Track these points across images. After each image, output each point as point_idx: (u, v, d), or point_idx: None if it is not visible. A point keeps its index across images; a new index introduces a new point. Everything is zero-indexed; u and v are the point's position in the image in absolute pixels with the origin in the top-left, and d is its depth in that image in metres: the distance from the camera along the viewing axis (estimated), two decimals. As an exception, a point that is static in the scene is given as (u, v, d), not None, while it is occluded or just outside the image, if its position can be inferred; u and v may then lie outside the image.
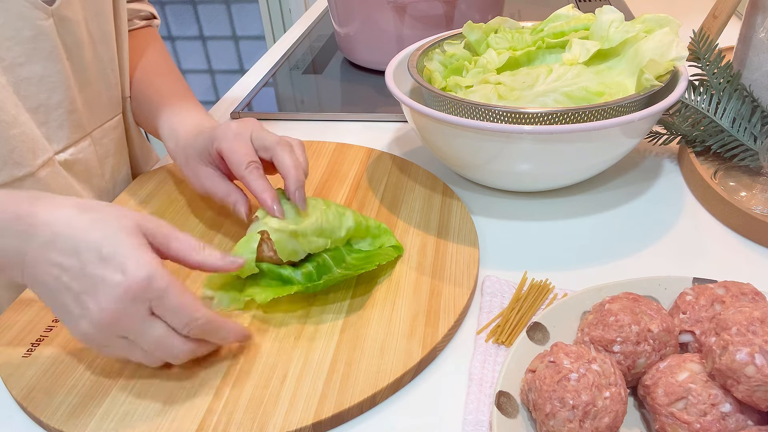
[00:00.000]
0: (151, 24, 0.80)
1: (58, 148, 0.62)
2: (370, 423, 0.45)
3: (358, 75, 1.02)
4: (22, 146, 0.57)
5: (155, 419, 0.44)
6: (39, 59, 0.58)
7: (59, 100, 0.61)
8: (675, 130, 0.72)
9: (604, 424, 0.38)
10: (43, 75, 0.58)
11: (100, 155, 0.68)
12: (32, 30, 0.56)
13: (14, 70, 0.56)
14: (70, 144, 0.63)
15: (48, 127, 0.60)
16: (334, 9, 1.00)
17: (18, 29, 0.55)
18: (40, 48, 0.58)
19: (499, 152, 0.60)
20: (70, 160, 0.64)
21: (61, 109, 0.61)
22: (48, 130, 0.61)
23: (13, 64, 0.56)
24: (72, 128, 0.63)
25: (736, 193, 0.64)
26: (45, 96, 0.59)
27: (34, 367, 0.48)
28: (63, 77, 0.60)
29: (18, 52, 0.56)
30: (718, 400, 0.39)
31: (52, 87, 0.60)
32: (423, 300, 0.53)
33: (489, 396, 0.45)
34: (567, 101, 0.63)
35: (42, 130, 0.60)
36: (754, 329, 0.38)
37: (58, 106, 0.61)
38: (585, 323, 0.46)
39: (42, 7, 0.57)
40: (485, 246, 0.61)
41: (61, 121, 0.61)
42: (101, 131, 0.68)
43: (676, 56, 0.63)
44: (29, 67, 0.57)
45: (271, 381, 0.46)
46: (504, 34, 0.74)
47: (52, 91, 0.60)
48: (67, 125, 0.62)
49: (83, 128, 0.65)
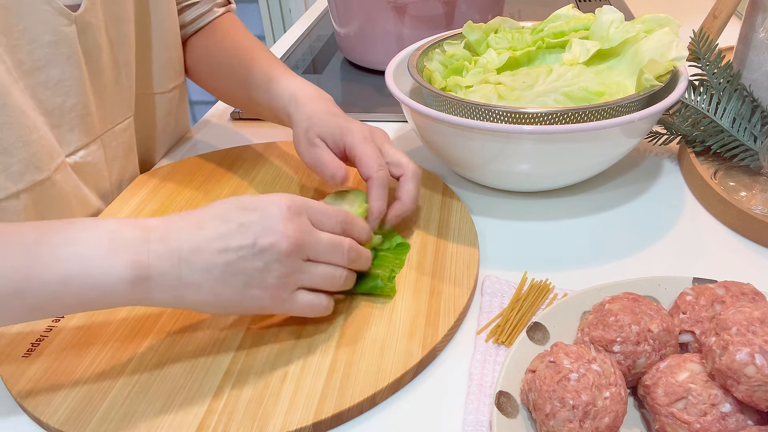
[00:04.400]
0: (229, 9, 0.80)
1: (68, 151, 0.61)
2: (370, 423, 0.45)
3: (358, 75, 1.02)
4: (41, 150, 0.57)
5: (155, 419, 0.44)
6: (58, 64, 0.57)
7: (73, 104, 0.60)
8: (675, 130, 0.72)
9: (604, 424, 0.38)
10: (60, 79, 0.58)
11: (109, 158, 0.68)
12: (54, 35, 0.56)
13: (33, 74, 0.56)
14: (80, 147, 0.63)
15: (60, 131, 0.60)
16: (334, 9, 1.00)
17: (39, 33, 0.55)
18: (60, 53, 0.57)
19: (499, 152, 0.60)
20: (80, 163, 0.63)
21: (74, 113, 0.61)
22: (60, 134, 0.60)
23: (32, 68, 0.56)
24: (83, 132, 0.62)
25: (736, 193, 0.64)
26: (60, 100, 0.59)
27: (34, 367, 0.48)
28: (79, 81, 0.60)
29: (38, 56, 0.56)
30: (718, 400, 0.39)
31: (67, 91, 0.59)
32: (423, 300, 0.53)
33: (489, 396, 0.45)
34: (567, 101, 0.63)
35: (54, 133, 0.59)
36: (754, 329, 0.38)
37: (71, 110, 0.60)
38: (585, 323, 0.46)
39: (66, 14, 0.56)
40: (485, 246, 0.61)
41: (73, 125, 0.61)
42: (111, 134, 0.67)
43: (676, 56, 0.63)
44: (47, 71, 0.57)
45: (271, 381, 0.46)
46: (504, 34, 0.74)
47: (68, 95, 0.59)
48: (78, 129, 0.62)
49: (94, 131, 0.64)
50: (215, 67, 0.75)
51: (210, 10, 0.77)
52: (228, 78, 0.74)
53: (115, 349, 0.50)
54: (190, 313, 0.53)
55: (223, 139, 0.85)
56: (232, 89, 0.75)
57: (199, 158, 0.77)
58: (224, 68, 0.74)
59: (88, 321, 0.52)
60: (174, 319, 0.52)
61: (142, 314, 0.53)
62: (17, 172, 0.55)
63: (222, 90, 0.77)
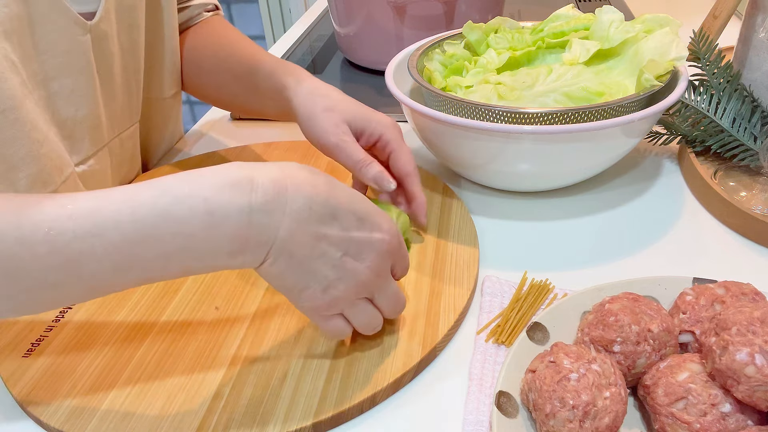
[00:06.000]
0: (217, 14, 0.80)
1: (78, 161, 0.60)
2: (370, 423, 0.45)
3: (358, 75, 1.02)
4: (50, 164, 0.56)
5: (155, 419, 0.44)
6: (71, 73, 0.56)
7: (85, 114, 0.59)
8: (675, 130, 0.72)
9: (604, 424, 0.38)
10: (73, 89, 0.57)
11: (114, 164, 0.67)
12: (68, 45, 0.55)
13: (47, 84, 0.55)
14: (89, 156, 0.62)
15: (72, 141, 0.59)
16: (334, 9, 1.00)
17: (54, 43, 0.54)
18: (73, 62, 0.56)
19: (499, 152, 0.60)
20: (88, 172, 0.62)
21: (86, 123, 0.60)
22: (71, 144, 0.59)
23: (46, 79, 0.55)
24: (93, 140, 0.62)
25: (736, 193, 0.64)
26: (73, 110, 0.58)
27: (34, 367, 0.48)
28: (91, 90, 0.59)
29: (51, 66, 0.55)
30: (718, 400, 0.39)
31: (80, 101, 0.58)
32: (423, 300, 0.53)
33: (489, 396, 0.45)
34: (567, 101, 0.63)
35: (65, 144, 0.58)
36: (754, 329, 0.38)
37: (83, 120, 0.59)
38: (585, 323, 0.46)
39: (81, 24, 0.56)
40: (485, 246, 0.61)
41: (84, 134, 0.60)
42: (118, 140, 0.67)
43: (676, 56, 0.63)
44: (60, 80, 0.56)
45: (271, 381, 0.46)
46: (504, 34, 0.74)
47: (80, 105, 0.58)
48: (88, 138, 0.61)
49: (102, 139, 0.63)
50: (202, 60, 0.74)
51: (199, 14, 0.77)
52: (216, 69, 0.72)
53: (115, 349, 0.50)
54: (190, 312, 0.53)
55: (223, 139, 0.85)
56: (220, 81, 0.72)
57: (199, 158, 0.77)
58: (211, 59, 0.72)
59: (89, 321, 0.52)
60: (174, 319, 0.52)
61: (142, 314, 0.53)
62: (24, 186, 0.54)
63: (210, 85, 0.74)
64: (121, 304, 0.54)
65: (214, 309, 0.53)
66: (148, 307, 0.53)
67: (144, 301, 0.54)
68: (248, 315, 0.52)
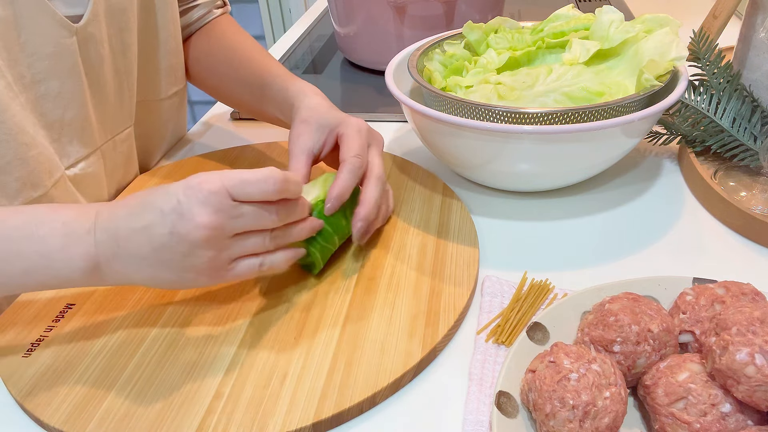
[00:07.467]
0: (225, 11, 0.80)
1: (68, 164, 0.61)
2: (370, 423, 0.45)
3: (358, 75, 1.02)
4: (39, 167, 0.56)
5: (155, 419, 0.44)
6: (58, 76, 0.57)
7: (73, 116, 0.59)
8: (675, 130, 0.72)
9: (604, 424, 0.38)
10: (60, 91, 0.57)
11: (108, 168, 0.67)
12: (54, 47, 0.55)
13: (33, 87, 0.55)
14: (80, 159, 0.62)
15: (60, 144, 0.59)
16: (334, 9, 1.00)
17: (40, 46, 0.54)
18: (61, 65, 0.56)
19: (499, 152, 0.60)
20: (80, 175, 0.62)
21: (74, 125, 0.60)
22: (60, 146, 0.59)
23: (32, 81, 0.55)
24: (83, 143, 0.62)
25: (736, 193, 0.64)
26: (60, 112, 0.58)
27: (34, 367, 0.48)
28: (79, 93, 0.59)
29: (38, 68, 0.55)
30: (718, 400, 0.39)
31: (67, 103, 0.58)
32: (423, 300, 0.53)
33: (489, 396, 0.45)
34: (567, 101, 0.63)
35: (54, 147, 0.59)
36: (754, 329, 0.38)
37: (71, 122, 0.59)
38: (585, 323, 0.46)
39: (67, 26, 0.56)
40: (485, 246, 0.61)
41: (72, 137, 0.60)
42: (111, 144, 0.67)
43: (676, 56, 0.63)
44: (47, 83, 0.56)
45: (271, 381, 0.46)
46: (504, 34, 0.74)
47: (67, 108, 0.58)
48: (78, 140, 0.61)
49: (94, 143, 0.63)
50: (215, 65, 0.75)
51: (209, 12, 0.78)
52: (228, 75, 0.73)
53: (115, 349, 0.50)
54: (190, 312, 0.53)
55: (223, 139, 0.85)
56: (231, 87, 0.74)
57: (200, 158, 0.77)
58: (224, 66, 0.74)
59: (88, 321, 0.52)
60: (174, 319, 0.52)
61: (141, 314, 0.53)
62: (14, 189, 0.54)
63: (221, 88, 0.77)
64: (121, 304, 0.54)
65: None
66: (148, 307, 0.53)
67: (144, 301, 0.54)
68: (248, 315, 0.52)
